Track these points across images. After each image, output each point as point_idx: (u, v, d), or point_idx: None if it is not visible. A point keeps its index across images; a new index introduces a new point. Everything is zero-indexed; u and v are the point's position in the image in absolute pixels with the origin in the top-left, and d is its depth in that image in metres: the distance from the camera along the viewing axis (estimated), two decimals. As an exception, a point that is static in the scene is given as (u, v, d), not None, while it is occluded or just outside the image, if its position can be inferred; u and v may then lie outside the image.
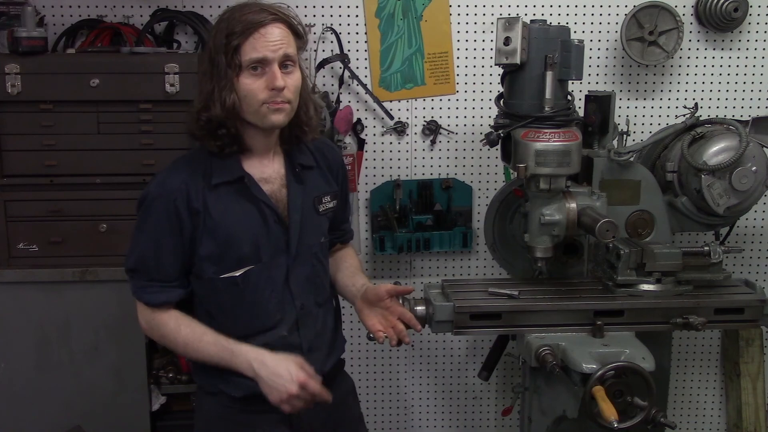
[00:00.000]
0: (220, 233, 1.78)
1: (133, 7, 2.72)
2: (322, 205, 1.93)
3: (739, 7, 2.75)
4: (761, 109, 2.93)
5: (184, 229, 1.77)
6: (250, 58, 1.70)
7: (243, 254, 1.80)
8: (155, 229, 1.78)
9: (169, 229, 1.77)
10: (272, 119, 1.75)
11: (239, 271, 1.80)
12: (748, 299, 2.27)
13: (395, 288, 1.96)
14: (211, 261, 1.80)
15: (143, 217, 1.80)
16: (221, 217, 1.78)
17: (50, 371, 2.52)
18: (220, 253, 1.79)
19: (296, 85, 1.78)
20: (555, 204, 2.21)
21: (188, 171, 1.79)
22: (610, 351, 2.05)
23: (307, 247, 1.89)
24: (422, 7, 2.80)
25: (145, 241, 1.80)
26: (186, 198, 1.76)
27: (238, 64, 1.71)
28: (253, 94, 1.72)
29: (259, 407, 1.83)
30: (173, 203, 1.76)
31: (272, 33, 1.71)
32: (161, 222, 1.77)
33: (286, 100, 1.75)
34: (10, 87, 2.37)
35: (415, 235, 2.83)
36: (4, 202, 2.47)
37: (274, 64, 1.72)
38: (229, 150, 1.79)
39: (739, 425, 3.05)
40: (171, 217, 1.76)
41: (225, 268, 1.80)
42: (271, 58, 1.71)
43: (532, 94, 2.16)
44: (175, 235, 1.77)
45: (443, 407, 3.13)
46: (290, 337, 1.86)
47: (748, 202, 2.38)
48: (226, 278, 1.80)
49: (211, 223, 1.77)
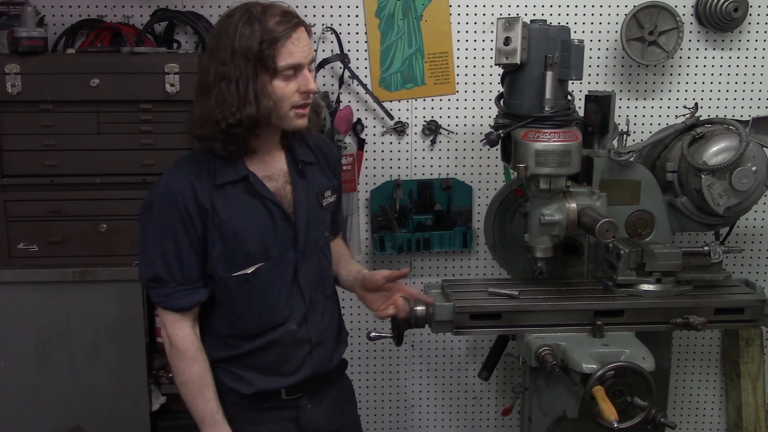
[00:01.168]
0: (227, 232, 1.78)
1: (133, 7, 2.72)
2: (325, 199, 1.95)
3: (739, 7, 2.75)
4: (761, 109, 2.93)
5: (196, 228, 1.77)
6: (287, 64, 1.71)
7: (251, 252, 1.80)
8: (170, 231, 1.76)
9: (183, 229, 1.76)
10: (297, 123, 1.79)
11: (250, 269, 1.81)
12: (748, 299, 2.27)
13: (392, 274, 1.98)
14: (221, 260, 1.80)
15: (154, 222, 1.77)
16: (228, 216, 1.78)
17: (50, 371, 2.52)
18: (229, 251, 1.79)
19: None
20: (555, 204, 2.21)
21: (192, 171, 1.78)
22: (610, 351, 2.05)
23: (313, 241, 1.90)
24: (422, 7, 2.80)
25: (162, 246, 1.77)
26: (194, 197, 1.75)
27: (273, 69, 1.71)
28: (285, 98, 1.74)
29: (267, 404, 1.86)
30: (183, 203, 1.75)
31: (302, 38, 1.74)
32: (174, 223, 1.75)
33: (310, 103, 1.79)
34: (10, 87, 2.37)
35: (415, 235, 2.84)
36: (4, 202, 2.47)
37: (305, 68, 1.75)
38: (237, 154, 1.79)
39: (739, 425, 3.05)
40: (183, 217, 1.75)
41: (235, 266, 1.80)
42: (305, 63, 1.74)
43: (532, 94, 2.16)
44: (191, 235, 1.77)
45: (443, 407, 3.13)
46: (299, 331, 1.87)
47: (748, 202, 2.38)
48: (237, 276, 1.81)
49: (219, 221, 1.78)
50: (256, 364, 1.86)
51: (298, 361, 1.89)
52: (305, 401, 1.92)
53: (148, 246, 1.79)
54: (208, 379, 1.83)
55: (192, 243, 1.77)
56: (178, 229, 1.76)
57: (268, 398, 1.87)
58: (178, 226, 1.75)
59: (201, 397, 1.82)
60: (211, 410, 1.81)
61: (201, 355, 1.83)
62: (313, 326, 1.90)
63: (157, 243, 1.77)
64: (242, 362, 1.86)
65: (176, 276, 1.78)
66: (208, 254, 1.80)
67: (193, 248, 1.78)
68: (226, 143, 1.75)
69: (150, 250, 1.78)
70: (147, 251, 1.79)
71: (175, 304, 1.80)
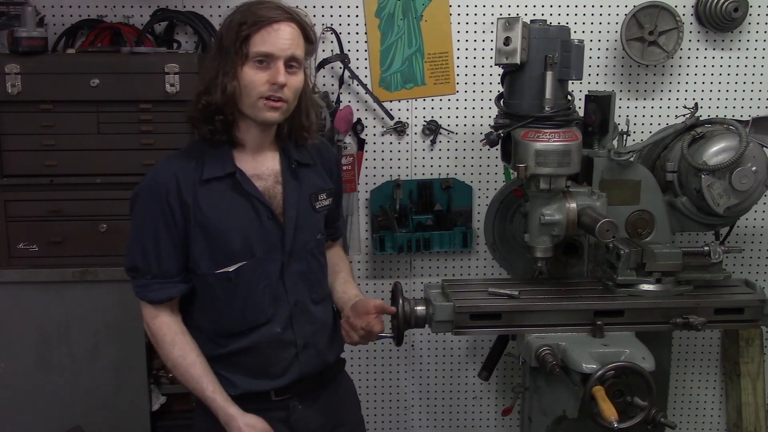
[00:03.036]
0: (210, 228, 1.78)
1: (133, 7, 2.72)
2: (318, 202, 1.93)
3: (739, 7, 2.76)
4: (761, 109, 2.93)
5: (177, 222, 1.78)
6: (257, 51, 1.72)
7: (234, 250, 1.80)
8: (151, 224, 1.78)
9: (164, 222, 1.77)
10: (266, 115, 1.77)
11: (232, 267, 1.80)
12: (748, 299, 2.27)
13: (383, 306, 1.95)
14: (204, 257, 1.80)
15: (137, 214, 1.81)
16: (211, 212, 1.78)
17: (50, 371, 2.52)
18: (211, 248, 1.80)
19: (297, 86, 1.79)
20: (555, 204, 2.21)
21: (179, 164, 1.80)
22: (610, 351, 2.04)
23: (303, 243, 1.89)
24: (422, 7, 2.80)
25: (142, 237, 1.80)
26: (176, 191, 1.77)
27: (245, 54, 1.72)
28: (253, 86, 1.73)
29: (256, 405, 1.85)
30: (164, 197, 1.76)
31: (284, 31, 1.74)
32: (156, 217, 1.77)
33: (284, 99, 1.76)
34: (10, 87, 2.38)
35: (415, 235, 2.84)
36: (4, 202, 2.47)
37: (280, 61, 1.73)
38: (219, 138, 1.80)
39: (739, 425, 3.05)
40: (165, 210, 1.77)
41: (218, 263, 1.80)
42: (278, 56, 1.73)
43: (532, 94, 2.16)
44: (171, 229, 1.78)
45: (443, 407, 3.13)
46: (284, 333, 1.86)
47: (748, 202, 2.38)
48: (219, 274, 1.80)
49: (202, 217, 1.78)
50: (242, 366, 1.85)
51: (284, 364, 1.87)
52: (296, 402, 1.91)
53: (131, 236, 1.82)
54: (191, 358, 1.81)
55: (172, 237, 1.78)
56: (159, 222, 1.77)
57: (256, 399, 1.85)
58: (159, 219, 1.77)
59: (189, 378, 1.81)
60: (201, 389, 1.80)
61: (180, 339, 1.83)
62: (300, 329, 1.88)
63: (138, 234, 1.81)
64: (228, 363, 1.85)
65: (152, 269, 1.80)
66: (191, 250, 1.80)
67: (172, 242, 1.79)
68: (207, 125, 1.78)
69: (132, 241, 1.82)
70: (130, 241, 1.83)
71: (148, 296, 1.82)
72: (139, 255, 1.80)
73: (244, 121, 1.80)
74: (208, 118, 1.78)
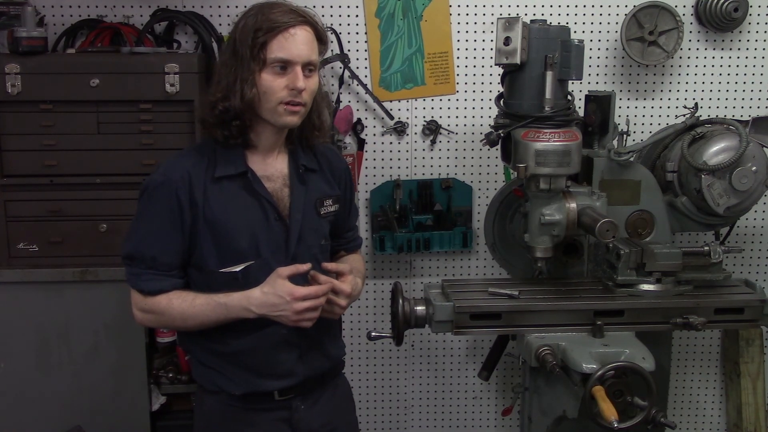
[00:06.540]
0: (219, 226, 1.79)
1: (133, 7, 2.72)
2: (323, 207, 1.93)
3: (739, 7, 2.75)
4: (761, 109, 2.93)
5: (185, 219, 1.78)
6: (275, 57, 1.73)
7: (241, 249, 1.80)
8: (157, 217, 1.78)
9: (169, 218, 1.77)
10: (286, 120, 1.78)
11: (239, 266, 1.80)
12: (748, 299, 2.27)
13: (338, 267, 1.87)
14: (211, 253, 1.80)
15: (145, 205, 1.80)
16: (221, 211, 1.79)
17: (50, 371, 2.52)
18: (219, 245, 1.80)
19: (314, 89, 1.80)
20: (555, 204, 2.21)
21: (192, 161, 1.81)
22: (610, 351, 2.04)
23: (307, 247, 1.89)
24: (422, 7, 2.80)
25: (145, 229, 1.80)
26: (188, 188, 1.77)
27: (262, 60, 1.73)
28: (272, 91, 1.74)
29: (260, 405, 1.85)
30: (175, 192, 1.76)
31: (300, 36, 1.75)
32: (163, 211, 1.77)
33: (302, 103, 1.78)
34: (10, 87, 2.38)
35: (415, 235, 2.83)
36: (4, 202, 2.47)
37: (298, 66, 1.74)
38: (234, 142, 1.80)
39: (739, 425, 3.05)
40: (173, 206, 1.77)
41: (225, 261, 1.81)
42: (296, 62, 1.74)
43: (532, 94, 2.16)
44: (176, 225, 1.78)
45: (443, 407, 3.13)
46: (288, 335, 1.86)
47: (748, 202, 2.38)
48: (226, 272, 1.81)
49: (211, 215, 1.78)
50: (245, 366, 1.85)
51: (288, 365, 1.88)
52: (298, 402, 1.91)
53: (134, 225, 1.83)
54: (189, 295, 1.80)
55: (175, 233, 1.78)
56: (165, 217, 1.77)
57: (259, 399, 1.86)
58: (165, 214, 1.77)
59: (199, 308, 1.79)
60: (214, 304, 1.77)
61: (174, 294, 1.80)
62: (304, 330, 1.87)
63: (141, 224, 1.81)
64: (232, 362, 1.86)
65: (147, 259, 1.80)
66: (198, 247, 1.80)
67: (174, 238, 1.79)
68: (222, 130, 1.79)
69: (133, 229, 1.83)
70: (131, 229, 1.83)
71: (139, 285, 1.82)
72: (139, 244, 1.80)
73: (260, 124, 1.81)
74: (224, 123, 1.78)
